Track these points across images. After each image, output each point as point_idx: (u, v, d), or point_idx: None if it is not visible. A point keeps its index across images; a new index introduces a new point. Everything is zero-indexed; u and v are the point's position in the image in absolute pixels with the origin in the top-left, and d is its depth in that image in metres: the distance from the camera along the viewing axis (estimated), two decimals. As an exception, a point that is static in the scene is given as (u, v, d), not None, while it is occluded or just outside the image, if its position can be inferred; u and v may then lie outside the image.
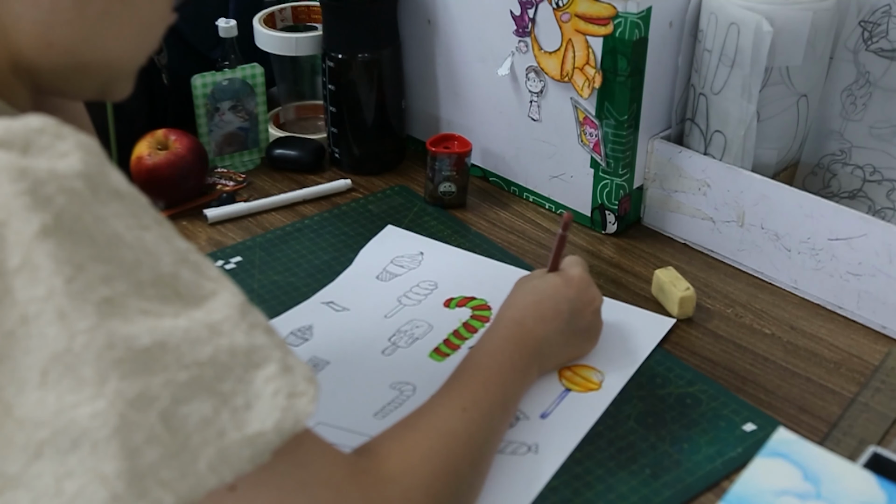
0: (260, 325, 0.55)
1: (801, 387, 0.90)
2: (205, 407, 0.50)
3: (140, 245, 0.51)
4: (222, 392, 0.51)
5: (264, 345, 0.54)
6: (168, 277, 0.52)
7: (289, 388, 0.53)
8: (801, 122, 1.05)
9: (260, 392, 0.52)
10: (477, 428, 0.74)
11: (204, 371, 0.50)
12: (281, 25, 1.31)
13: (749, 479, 0.64)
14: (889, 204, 1.06)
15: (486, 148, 1.21)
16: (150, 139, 1.15)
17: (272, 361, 0.53)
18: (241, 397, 0.51)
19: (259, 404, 0.52)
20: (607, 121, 1.06)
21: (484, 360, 0.80)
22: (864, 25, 1.02)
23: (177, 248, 0.53)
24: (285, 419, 0.52)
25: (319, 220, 1.15)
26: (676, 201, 1.09)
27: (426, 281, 1.03)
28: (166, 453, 0.48)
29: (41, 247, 0.47)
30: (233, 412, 0.51)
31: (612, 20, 1.00)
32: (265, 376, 0.53)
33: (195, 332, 0.51)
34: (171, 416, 0.49)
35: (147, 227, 0.52)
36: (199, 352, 0.50)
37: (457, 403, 0.74)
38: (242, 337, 0.53)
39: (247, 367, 0.52)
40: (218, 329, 0.52)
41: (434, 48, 1.22)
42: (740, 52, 0.99)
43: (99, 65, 0.61)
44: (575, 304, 0.87)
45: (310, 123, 1.36)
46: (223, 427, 0.50)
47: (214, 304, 0.53)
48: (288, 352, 0.55)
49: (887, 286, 0.94)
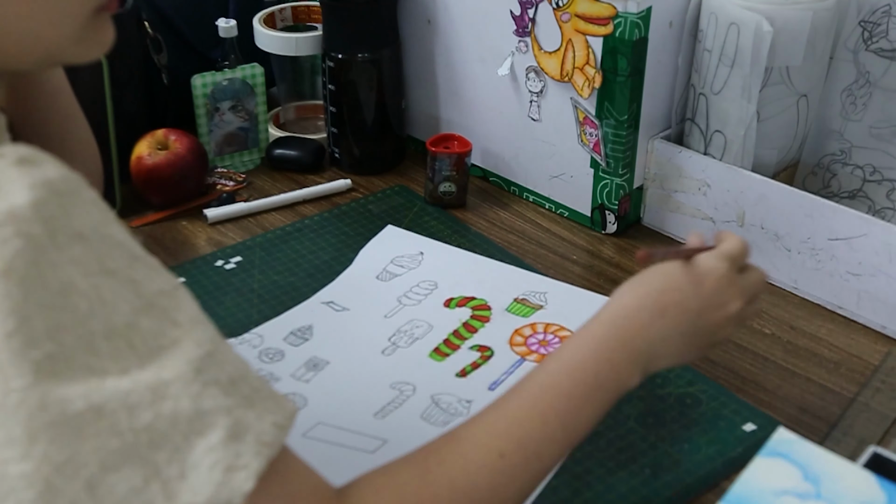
0: (217, 382, 0.51)
1: (801, 387, 0.90)
2: (134, 476, 0.48)
3: (96, 294, 0.48)
4: (155, 461, 0.48)
5: (213, 409, 0.50)
6: (122, 329, 0.49)
7: (229, 460, 0.50)
8: (801, 122, 1.05)
9: (197, 462, 0.49)
10: (509, 480, 0.61)
11: (139, 438, 0.48)
12: (281, 25, 1.31)
13: (749, 480, 0.64)
14: (889, 204, 1.06)
15: (486, 148, 1.21)
16: (150, 139, 1.15)
17: (217, 428, 0.50)
18: (175, 467, 0.49)
19: (194, 476, 0.49)
20: (607, 121, 1.06)
21: (558, 378, 0.66)
22: (864, 25, 1.02)
23: (142, 293, 0.50)
24: (219, 494, 0.49)
25: (319, 220, 1.15)
26: (676, 201, 1.09)
27: (426, 281, 1.03)
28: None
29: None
30: (164, 483, 0.48)
31: (612, 20, 1.00)
32: (206, 446, 0.50)
33: (137, 395, 0.48)
34: (98, 484, 0.47)
35: (110, 273, 0.49)
36: (136, 418, 0.48)
37: (495, 446, 0.61)
38: (188, 401, 0.49)
39: (187, 435, 0.49)
40: (163, 392, 0.49)
41: (434, 48, 1.22)
42: (740, 52, 0.99)
43: (16, 47, 0.56)
44: (705, 303, 0.73)
45: (310, 123, 1.36)
46: (151, 499, 0.48)
47: (170, 359, 0.50)
48: (248, 409, 0.52)
49: (887, 286, 0.94)
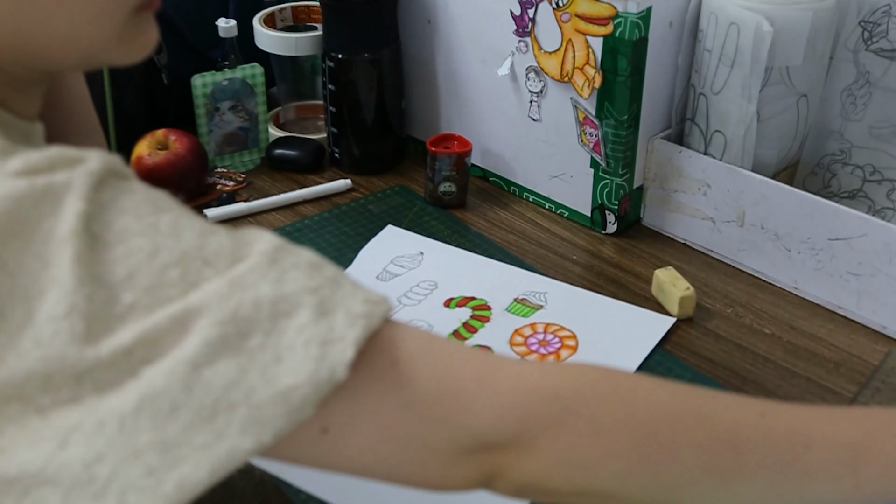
0: (296, 268, 0.50)
1: (801, 387, 0.90)
2: (229, 368, 0.47)
3: (155, 231, 0.50)
4: (248, 349, 0.48)
5: (295, 290, 0.50)
6: (193, 251, 0.50)
7: (323, 334, 0.49)
8: (801, 122, 1.05)
9: (291, 344, 0.48)
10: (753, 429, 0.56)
11: (226, 329, 0.48)
12: (281, 25, 1.31)
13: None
14: (889, 204, 1.06)
15: (486, 148, 1.21)
16: (150, 139, 1.15)
17: (304, 307, 0.49)
18: (269, 352, 0.48)
19: (291, 357, 0.48)
20: (607, 121, 1.06)
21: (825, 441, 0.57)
22: (864, 25, 1.02)
23: (201, 223, 0.52)
24: (320, 370, 0.48)
25: (319, 220, 1.15)
26: (676, 201, 1.09)
27: (426, 281, 1.03)
28: (195, 419, 0.47)
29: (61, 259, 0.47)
30: (262, 369, 0.48)
31: (612, 20, 1.00)
32: (296, 326, 0.49)
33: (215, 291, 0.48)
34: (196, 381, 0.47)
35: (166, 209, 0.51)
36: (219, 311, 0.48)
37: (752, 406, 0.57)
38: (268, 287, 0.49)
39: (274, 319, 0.49)
40: (240, 283, 0.49)
41: (434, 48, 1.22)
42: (740, 52, 0.99)
43: (56, 48, 0.56)
44: None
45: (310, 123, 1.36)
46: (252, 386, 0.47)
47: (244, 261, 0.50)
48: (335, 289, 0.51)
49: (887, 286, 0.94)
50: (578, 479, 0.53)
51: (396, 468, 0.53)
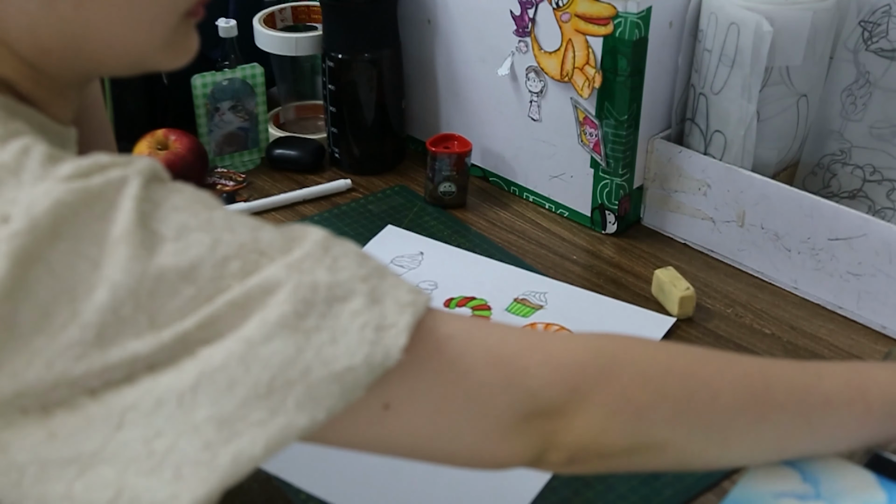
0: (346, 256, 0.53)
1: (801, 387, 0.90)
2: (287, 347, 0.49)
3: (210, 226, 0.51)
4: (305, 329, 0.49)
5: (349, 277, 0.52)
6: (249, 244, 0.51)
7: (377, 320, 0.51)
8: (801, 122, 1.05)
9: (346, 327, 0.50)
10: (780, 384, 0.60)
11: (283, 309, 0.49)
12: (281, 25, 1.31)
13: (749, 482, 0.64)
14: (889, 204, 1.06)
15: (486, 148, 1.21)
16: (150, 139, 1.15)
17: (357, 294, 0.51)
18: (325, 333, 0.50)
19: (345, 339, 0.50)
20: (607, 121, 1.06)
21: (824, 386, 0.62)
22: (864, 25, 1.02)
23: (249, 219, 0.53)
24: (374, 353, 0.50)
25: (319, 220, 1.15)
26: (676, 201, 1.09)
27: (426, 281, 1.03)
28: (252, 395, 0.48)
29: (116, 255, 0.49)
30: (317, 349, 0.49)
31: (612, 20, 1.00)
32: (351, 310, 0.51)
33: (274, 274, 0.50)
34: (252, 359, 0.48)
35: (216, 207, 0.53)
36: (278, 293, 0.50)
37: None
38: (324, 272, 0.51)
39: (329, 302, 0.50)
40: (298, 266, 0.51)
41: (434, 48, 1.22)
42: (740, 52, 0.99)
43: (109, 54, 0.58)
44: None
45: (310, 123, 1.36)
46: (308, 365, 0.49)
47: (298, 249, 0.52)
48: (382, 279, 0.53)
49: (887, 286, 0.94)
50: (632, 428, 0.56)
51: (455, 441, 0.55)
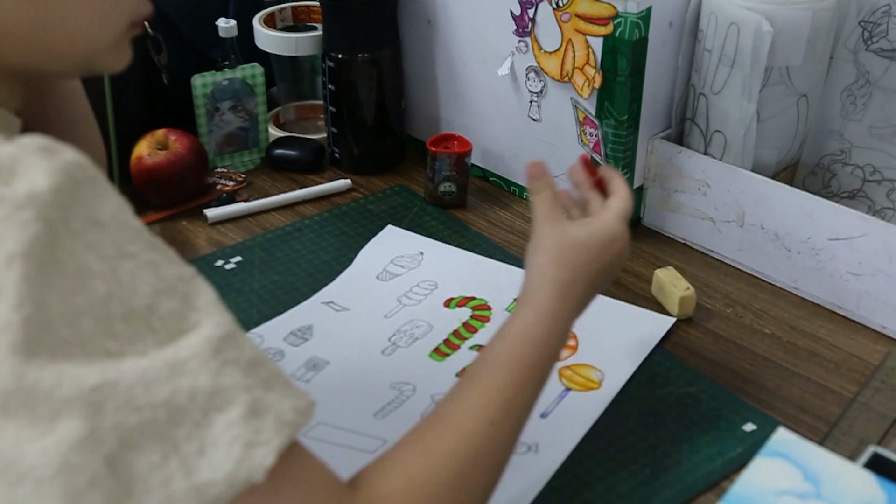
0: (236, 362, 0.51)
1: (801, 387, 0.90)
2: (153, 453, 0.48)
3: (113, 277, 0.49)
4: (174, 437, 0.48)
5: (232, 385, 0.50)
6: (142, 310, 0.49)
7: (249, 436, 0.50)
8: (801, 122, 1.05)
9: (217, 439, 0.49)
10: (503, 442, 0.65)
11: (157, 414, 0.48)
12: (281, 25, 1.31)
13: (749, 479, 0.64)
14: (889, 204, 1.06)
15: (486, 148, 1.21)
16: (150, 139, 1.15)
17: (236, 405, 0.50)
18: (195, 443, 0.49)
19: (213, 452, 0.49)
20: (607, 121, 1.06)
21: (523, 344, 0.69)
22: (864, 25, 1.02)
23: (162, 276, 0.51)
24: (239, 470, 0.49)
25: (319, 220, 1.15)
26: (676, 201, 1.09)
27: (426, 281, 1.03)
28: (108, 499, 0.47)
29: (8, 275, 0.46)
30: (183, 459, 0.48)
31: (612, 20, 1.00)
32: (226, 422, 0.50)
33: (154, 371, 0.48)
34: (117, 461, 0.47)
35: (130, 256, 0.50)
36: (154, 394, 0.48)
37: (485, 415, 0.64)
38: (207, 377, 0.50)
39: (206, 411, 0.49)
40: (181, 368, 0.49)
41: (434, 48, 1.22)
42: (740, 52, 0.99)
43: (68, 45, 0.60)
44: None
45: (310, 123, 1.36)
46: (170, 474, 0.48)
47: (190, 339, 0.50)
48: (270, 389, 0.52)
49: (887, 286, 0.94)
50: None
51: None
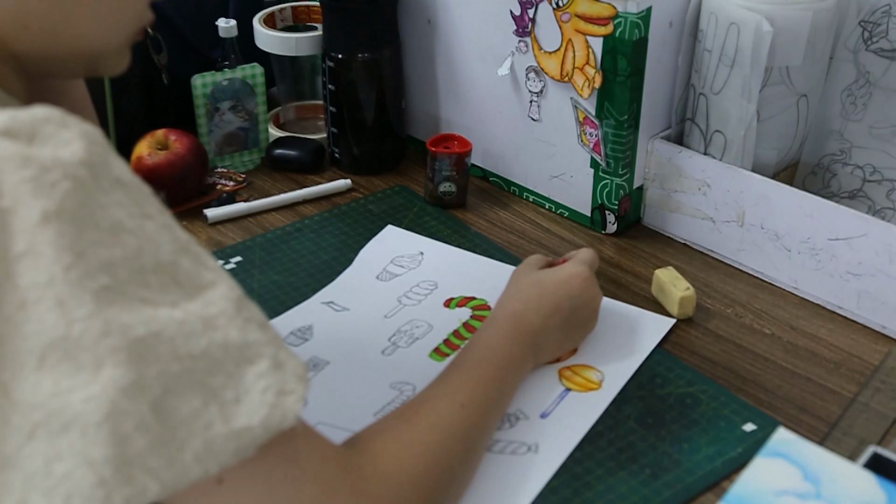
0: (255, 321, 0.55)
1: (801, 387, 0.90)
2: (194, 399, 0.51)
3: (142, 232, 0.52)
4: (212, 386, 0.52)
5: (257, 341, 0.54)
6: (168, 265, 0.53)
7: (279, 385, 0.54)
8: (801, 122, 1.05)
9: (250, 388, 0.53)
10: (473, 424, 0.75)
11: (196, 364, 0.51)
12: (281, 25, 1.31)
13: (749, 479, 0.64)
14: (889, 204, 1.06)
15: (486, 148, 1.21)
16: (150, 139, 1.15)
17: (264, 358, 0.54)
18: (230, 392, 0.52)
19: (248, 399, 0.53)
20: (607, 121, 1.06)
21: (483, 353, 0.81)
22: (864, 25, 1.02)
23: (177, 238, 0.54)
24: (273, 416, 0.53)
25: (319, 220, 1.15)
26: (676, 201, 1.09)
27: (426, 281, 1.03)
28: (154, 442, 0.49)
29: (43, 234, 0.48)
30: (221, 406, 0.52)
31: (612, 20, 1.00)
32: (256, 372, 0.53)
33: (190, 324, 0.52)
34: (162, 407, 0.50)
35: (149, 216, 0.53)
36: (192, 345, 0.51)
37: (455, 399, 0.75)
38: (236, 332, 0.53)
39: (238, 363, 0.53)
40: (213, 323, 0.53)
41: (434, 48, 1.22)
42: (740, 52, 0.99)
43: (80, 44, 0.62)
44: (576, 302, 0.88)
45: (310, 123, 1.36)
46: (211, 420, 0.51)
47: (211, 296, 0.54)
48: (281, 348, 0.56)
49: (887, 286, 0.94)
50: None
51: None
